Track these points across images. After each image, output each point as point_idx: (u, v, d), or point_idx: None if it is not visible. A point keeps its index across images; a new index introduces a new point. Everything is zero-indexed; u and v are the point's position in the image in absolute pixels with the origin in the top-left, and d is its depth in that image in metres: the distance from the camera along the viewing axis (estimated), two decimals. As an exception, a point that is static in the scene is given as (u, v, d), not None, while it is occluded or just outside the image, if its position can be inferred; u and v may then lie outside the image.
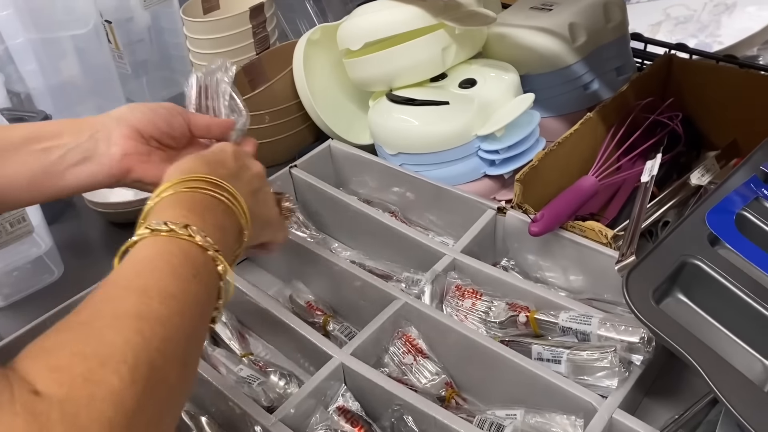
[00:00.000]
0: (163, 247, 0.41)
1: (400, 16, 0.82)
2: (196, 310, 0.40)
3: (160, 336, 0.36)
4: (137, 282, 0.38)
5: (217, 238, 0.43)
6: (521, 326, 0.63)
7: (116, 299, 0.37)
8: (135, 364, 0.33)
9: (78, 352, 0.33)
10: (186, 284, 0.39)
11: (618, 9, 0.89)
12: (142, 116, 0.58)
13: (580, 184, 0.75)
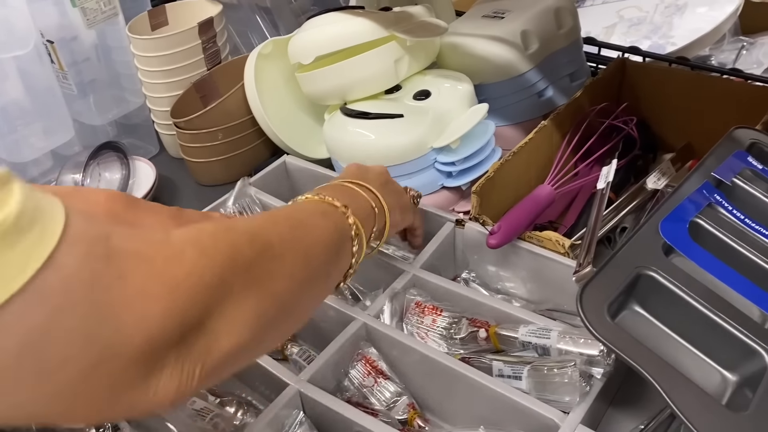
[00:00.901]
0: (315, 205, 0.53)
1: (350, 28, 0.80)
2: (328, 246, 0.49)
3: (288, 237, 0.43)
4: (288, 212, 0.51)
5: (358, 214, 0.53)
6: (482, 342, 0.62)
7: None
8: (254, 235, 0.40)
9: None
10: (320, 221, 0.50)
11: (569, 15, 0.89)
12: None
13: (536, 194, 0.74)
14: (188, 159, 0.96)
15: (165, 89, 0.96)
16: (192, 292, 0.33)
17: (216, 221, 0.56)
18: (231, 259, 0.37)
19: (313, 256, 0.46)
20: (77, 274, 0.29)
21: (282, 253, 0.41)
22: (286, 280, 0.41)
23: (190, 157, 0.96)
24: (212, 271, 0.35)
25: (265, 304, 0.39)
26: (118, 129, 1.05)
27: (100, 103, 0.99)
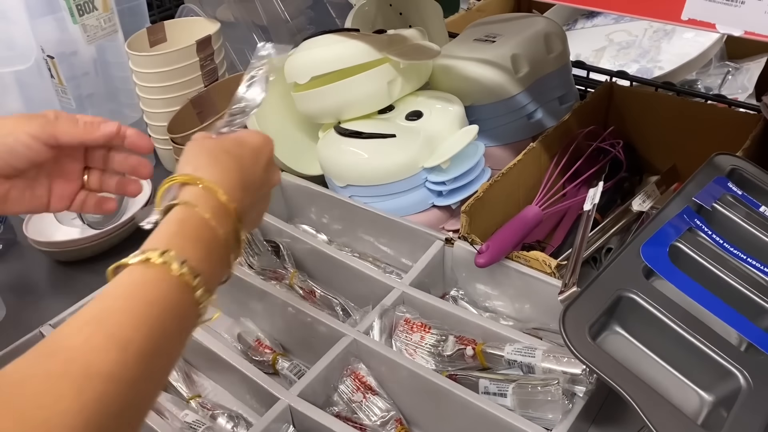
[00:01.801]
0: (140, 279, 0.38)
1: (345, 50, 0.82)
2: (164, 348, 0.37)
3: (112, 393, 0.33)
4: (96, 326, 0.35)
5: (203, 267, 0.40)
6: (469, 359, 0.64)
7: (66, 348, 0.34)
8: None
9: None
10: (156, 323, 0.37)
11: (559, 40, 0.92)
12: (23, 147, 0.52)
13: (524, 215, 0.76)
14: (184, 174, 0.98)
15: (162, 105, 0.97)
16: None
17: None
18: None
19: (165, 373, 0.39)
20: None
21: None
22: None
23: (185, 172, 0.97)
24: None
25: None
26: (114, 142, 1.06)
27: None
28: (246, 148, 0.50)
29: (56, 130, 0.52)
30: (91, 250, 0.87)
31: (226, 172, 0.46)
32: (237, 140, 0.51)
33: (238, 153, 0.49)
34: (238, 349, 0.73)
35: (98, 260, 0.88)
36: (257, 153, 0.51)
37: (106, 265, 0.41)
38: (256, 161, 0.50)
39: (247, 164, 0.49)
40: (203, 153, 0.47)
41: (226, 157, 0.48)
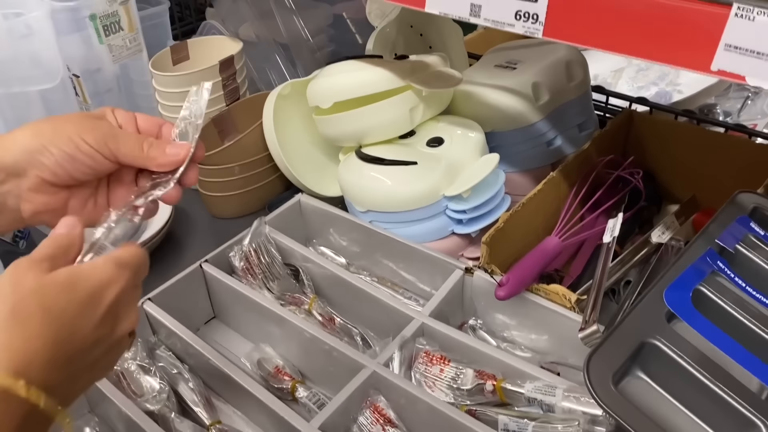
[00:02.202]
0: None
1: (369, 77, 0.83)
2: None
3: None
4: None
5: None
6: (488, 394, 0.64)
7: None
8: None
9: None
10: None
11: (580, 68, 0.92)
12: (56, 166, 0.47)
13: (544, 246, 0.76)
14: (204, 192, 0.99)
15: (184, 123, 0.98)
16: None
17: None
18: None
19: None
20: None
21: None
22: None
23: (206, 191, 0.98)
24: None
25: None
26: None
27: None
28: (78, 292, 0.40)
29: (118, 149, 0.48)
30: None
31: (27, 340, 0.37)
32: (68, 282, 0.40)
33: (60, 306, 0.39)
34: (258, 376, 0.73)
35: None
36: (91, 300, 0.40)
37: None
38: (86, 314, 0.40)
39: (70, 321, 0.39)
40: (6, 305, 0.38)
41: (38, 315, 0.38)
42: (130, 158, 0.49)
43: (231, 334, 0.82)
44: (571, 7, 0.54)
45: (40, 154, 0.46)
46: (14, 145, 0.46)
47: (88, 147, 0.47)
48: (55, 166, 0.47)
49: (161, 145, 0.50)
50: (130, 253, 0.44)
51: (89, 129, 0.47)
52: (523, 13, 0.57)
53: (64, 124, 0.47)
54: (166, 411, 0.67)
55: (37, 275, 0.40)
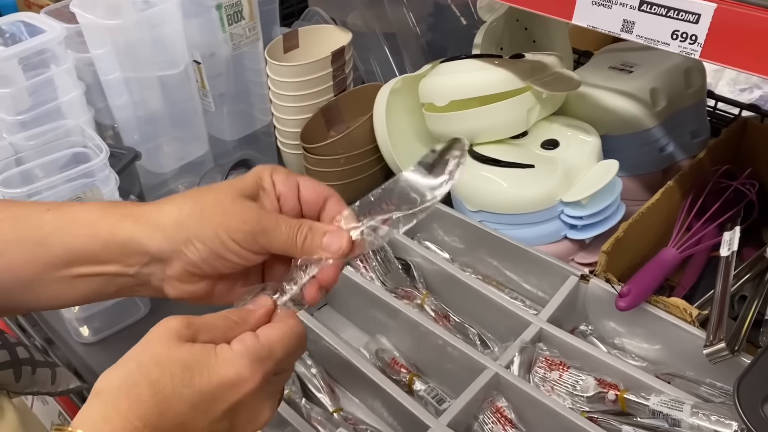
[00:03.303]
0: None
1: (489, 78, 0.84)
2: None
3: None
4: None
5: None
6: (609, 403, 0.66)
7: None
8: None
9: None
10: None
11: (699, 75, 0.91)
12: (200, 261, 0.44)
13: (663, 257, 0.76)
14: (310, 180, 1.01)
15: (294, 112, 1.00)
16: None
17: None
18: None
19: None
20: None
21: None
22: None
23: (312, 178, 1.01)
24: None
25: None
26: (240, 140, 1.10)
27: (232, 120, 1.04)
28: (198, 382, 0.37)
29: (270, 246, 0.44)
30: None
31: (128, 418, 0.36)
32: (191, 365, 0.37)
33: (172, 391, 0.37)
34: (377, 366, 0.76)
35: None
36: (211, 396, 0.38)
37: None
38: (200, 408, 0.37)
39: (179, 410, 0.37)
40: (126, 367, 0.37)
41: (146, 393, 0.36)
42: (283, 252, 0.45)
43: (343, 322, 0.85)
44: (735, 32, 0.54)
45: (185, 247, 0.43)
46: (158, 231, 0.43)
47: (236, 245, 0.43)
48: (201, 262, 0.43)
49: (318, 236, 0.44)
50: (276, 343, 0.40)
51: (238, 223, 0.43)
52: (681, 33, 0.57)
53: (212, 214, 0.43)
54: (294, 396, 0.71)
55: (168, 346, 0.38)
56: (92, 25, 0.86)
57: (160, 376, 0.37)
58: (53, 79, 0.86)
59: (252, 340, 0.40)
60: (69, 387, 0.56)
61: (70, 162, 0.78)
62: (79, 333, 0.84)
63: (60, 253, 0.44)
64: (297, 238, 0.44)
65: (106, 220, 0.44)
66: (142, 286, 0.46)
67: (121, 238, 0.44)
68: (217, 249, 0.43)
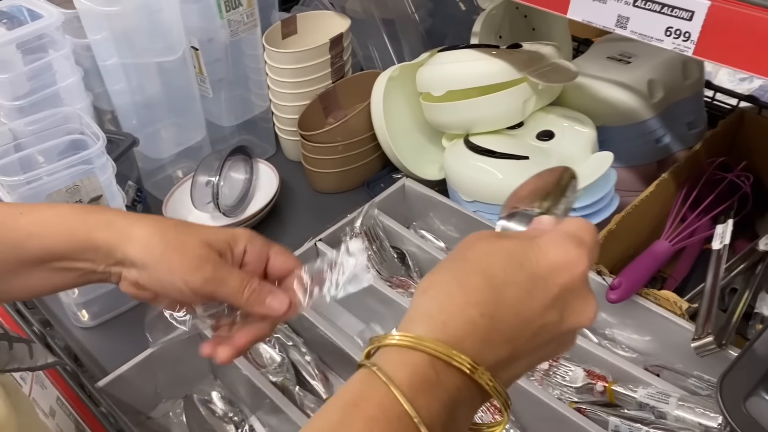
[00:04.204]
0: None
1: (486, 68, 0.84)
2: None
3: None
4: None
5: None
6: (597, 394, 0.67)
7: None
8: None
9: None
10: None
11: (696, 66, 0.91)
12: (150, 284, 0.48)
13: (655, 250, 0.77)
14: (308, 167, 1.02)
15: (292, 99, 1.01)
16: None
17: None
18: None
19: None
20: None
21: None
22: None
23: (310, 166, 1.01)
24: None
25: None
26: (238, 126, 1.10)
27: (230, 105, 1.05)
28: (529, 267, 0.36)
29: (218, 292, 0.48)
30: (224, 237, 0.93)
31: (463, 306, 0.35)
32: (518, 253, 0.37)
33: (504, 278, 0.36)
34: (369, 355, 0.77)
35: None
36: (544, 280, 0.36)
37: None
38: (534, 293, 0.36)
39: (514, 296, 0.35)
40: (451, 277, 0.36)
41: (478, 280, 0.35)
42: (227, 300, 0.49)
43: (338, 310, 0.86)
44: (727, 29, 0.54)
45: (142, 267, 0.48)
46: (129, 244, 0.48)
47: (184, 286, 0.47)
48: (149, 284, 0.48)
49: (262, 295, 0.48)
50: (589, 231, 0.38)
51: (194, 268, 0.47)
52: (675, 30, 0.57)
53: (174, 252, 0.47)
54: (288, 383, 0.72)
55: (489, 240, 0.38)
56: (90, 11, 0.86)
57: (489, 265, 0.36)
58: (52, 64, 0.87)
59: (568, 226, 0.39)
60: (48, 361, 0.58)
61: (68, 148, 0.79)
62: (78, 318, 0.85)
63: (37, 253, 0.49)
64: (245, 291, 0.48)
65: (82, 226, 0.49)
66: (105, 280, 0.51)
67: (96, 242, 0.48)
68: (167, 285, 0.48)
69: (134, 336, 0.81)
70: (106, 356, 0.80)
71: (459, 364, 0.33)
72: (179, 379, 0.74)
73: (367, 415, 0.33)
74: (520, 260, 0.36)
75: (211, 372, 0.77)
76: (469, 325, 0.34)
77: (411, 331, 0.34)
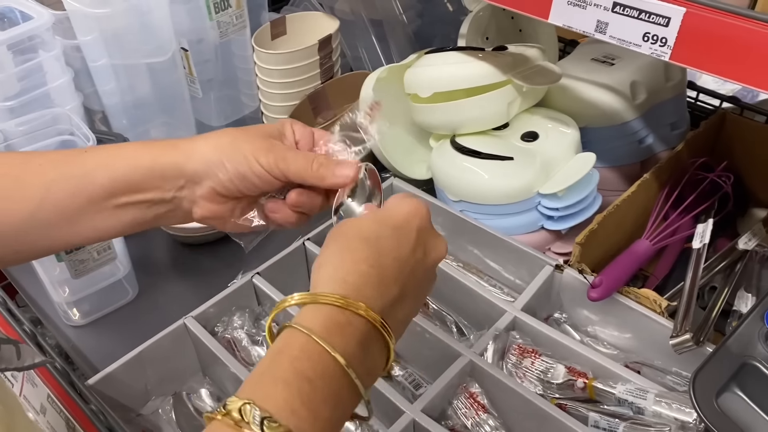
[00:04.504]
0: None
1: (471, 71, 0.85)
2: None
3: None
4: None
5: (302, 412, 0.37)
6: (578, 390, 0.69)
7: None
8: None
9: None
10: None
11: (679, 69, 0.92)
12: (228, 180, 0.51)
13: (635, 249, 0.79)
14: (297, 166, 1.03)
15: (281, 99, 1.02)
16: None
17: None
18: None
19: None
20: None
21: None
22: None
23: (298, 165, 1.02)
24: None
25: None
26: (228, 125, 1.11)
27: (220, 105, 1.06)
28: (388, 222, 0.46)
29: (289, 170, 0.51)
30: (214, 236, 0.94)
31: (355, 262, 0.43)
32: (379, 217, 0.47)
33: (376, 235, 0.45)
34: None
35: (220, 244, 0.94)
36: (402, 229, 0.46)
37: (228, 249, 0.48)
38: (400, 240, 0.45)
39: (389, 246, 0.44)
40: (337, 242, 0.45)
41: (359, 243, 0.44)
42: (300, 178, 0.52)
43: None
44: (703, 36, 0.55)
45: (217, 168, 0.50)
46: (195, 155, 0.51)
47: (260, 168, 0.50)
48: (228, 182, 0.51)
49: (330, 166, 0.52)
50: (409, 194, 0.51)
51: (264, 150, 0.51)
52: (652, 36, 0.59)
53: (243, 142, 0.51)
54: (276, 381, 0.73)
55: (351, 220, 0.48)
56: (79, 12, 0.87)
57: (361, 230, 0.45)
58: (42, 65, 0.88)
59: (397, 196, 0.49)
60: (35, 361, 0.59)
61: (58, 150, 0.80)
62: (68, 316, 0.86)
63: (105, 183, 0.50)
64: (313, 165, 0.52)
65: (147, 152, 0.51)
66: (174, 211, 0.53)
67: (162, 164, 0.50)
68: (244, 170, 0.50)
69: (124, 334, 0.83)
70: (97, 354, 0.81)
71: (355, 309, 0.41)
72: (169, 377, 0.76)
73: (292, 356, 0.39)
74: (380, 220, 0.46)
75: (201, 369, 0.78)
76: (363, 276, 0.42)
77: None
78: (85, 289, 0.83)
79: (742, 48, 0.54)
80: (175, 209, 0.52)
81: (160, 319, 0.76)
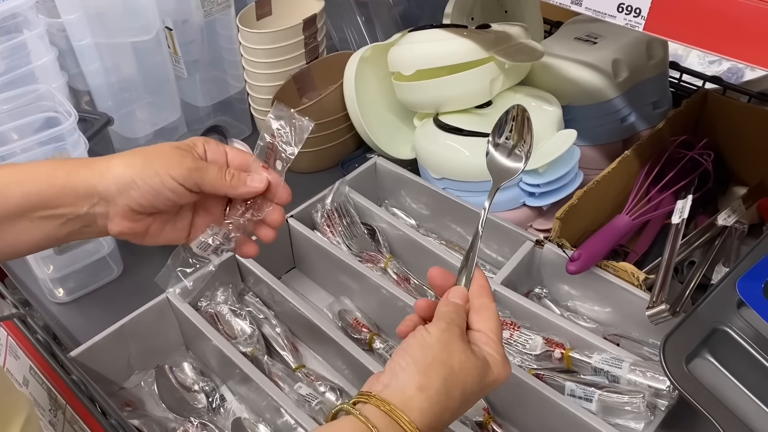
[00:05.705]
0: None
1: (454, 48, 0.85)
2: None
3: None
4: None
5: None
6: (555, 361, 0.69)
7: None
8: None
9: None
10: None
11: (660, 47, 0.93)
12: (142, 198, 0.51)
13: (615, 224, 0.79)
14: (282, 146, 1.03)
15: (266, 79, 1.02)
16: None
17: None
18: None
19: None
20: None
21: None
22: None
23: (284, 145, 1.03)
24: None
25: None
26: (214, 107, 1.11)
27: (205, 86, 1.06)
28: (481, 385, 0.49)
29: (202, 180, 0.52)
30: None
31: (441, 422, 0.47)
32: (475, 366, 0.49)
33: (470, 392, 0.48)
34: (338, 326, 0.79)
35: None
36: (485, 387, 0.49)
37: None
38: (479, 394, 0.49)
39: (464, 396, 0.48)
40: (437, 371, 0.47)
41: (456, 399, 0.47)
42: (213, 188, 0.53)
43: (310, 284, 0.88)
44: (676, 6, 0.56)
45: (129, 186, 0.51)
46: (107, 174, 0.51)
47: (173, 182, 0.51)
48: (141, 198, 0.51)
49: (243, 176, 0.54)
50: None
51: (176, 163, 0.51)
52: (626, 6, 0.59)
53: (154, 158, 0.51)
54: (258, 353, 0.74)
55: (464, 352, 0.49)
56: (62, -10, 0.87)
57: (466, 383, 0.48)
58: (26, 44, 0.87)
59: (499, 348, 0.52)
60: (4, 314, 0.59)
61: (43, 127, 0.80)
62: (53, 293, 0.86)
63: (18, 201, 0.50)
64: (226, 176, 0.53)
65: (61, 169, 0.52)
66: (89, 227, 0.53)
67: (75, 182, 0.51)
68: (156, 185, 0.51)
69: (109, 311, 0.83)
70: (82, 331, 0.82)
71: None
72: (152, 351, 0.76)
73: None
74: (483, 380, 0.49)
75: (183, 343, 0.79)
76: (439, 422, 0.47)
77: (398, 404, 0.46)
78: (70, 265, 0.84)
79: (714, 18, 0.54)
80: (90, 225, 0.53)
81: (145, 297, 0.76)
